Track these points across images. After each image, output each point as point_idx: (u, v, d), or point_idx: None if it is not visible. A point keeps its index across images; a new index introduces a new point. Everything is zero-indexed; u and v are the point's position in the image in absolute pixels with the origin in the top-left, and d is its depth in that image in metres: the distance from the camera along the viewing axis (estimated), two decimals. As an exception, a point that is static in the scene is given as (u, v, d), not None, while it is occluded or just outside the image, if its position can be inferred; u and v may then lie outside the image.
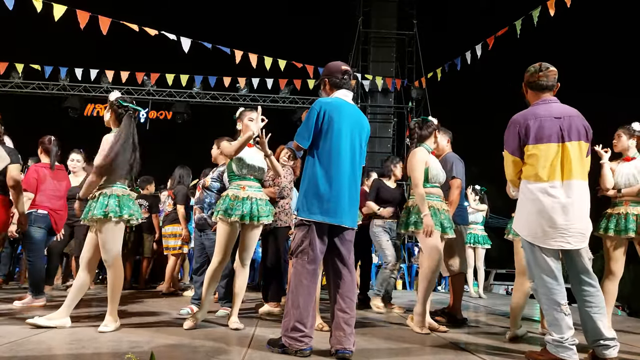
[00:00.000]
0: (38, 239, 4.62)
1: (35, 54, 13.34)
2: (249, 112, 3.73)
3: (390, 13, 14.18)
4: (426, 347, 3.21)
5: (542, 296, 2.83)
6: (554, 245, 2.79)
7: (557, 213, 2.77)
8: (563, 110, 2.93)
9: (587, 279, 2.82)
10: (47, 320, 3.27)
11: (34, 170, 4.75)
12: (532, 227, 2.85)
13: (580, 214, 2.82)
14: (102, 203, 3.30)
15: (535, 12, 8.10)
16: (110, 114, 3.52)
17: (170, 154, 14.68)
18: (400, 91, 14.06)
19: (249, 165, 3.63)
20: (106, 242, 3.32)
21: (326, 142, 2.86)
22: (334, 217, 2.81)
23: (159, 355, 2.50)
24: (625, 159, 4.11)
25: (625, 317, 7.77)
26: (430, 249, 3.73)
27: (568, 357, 2.71)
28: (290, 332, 2.73)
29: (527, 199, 2.90)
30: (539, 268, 2.84)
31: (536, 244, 2.83)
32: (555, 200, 2.79)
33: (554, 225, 2.78)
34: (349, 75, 3.05)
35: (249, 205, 3.56)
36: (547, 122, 2.86)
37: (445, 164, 4.28)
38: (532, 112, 2.94)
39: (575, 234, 2.78)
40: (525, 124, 2.89)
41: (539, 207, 2.82)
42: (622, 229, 3.92)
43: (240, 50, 9.76)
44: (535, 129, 2.86)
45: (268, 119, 3.51)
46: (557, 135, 2.85)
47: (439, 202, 3.87)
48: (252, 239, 3.67)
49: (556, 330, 2.75)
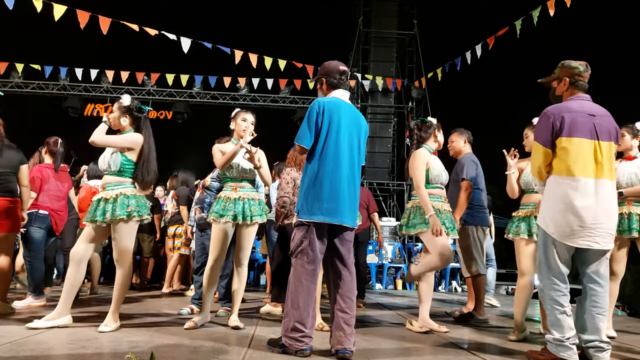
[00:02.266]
0: (37, 239, 4.62)
1: (35, 53, 13.38)
2: (243, 112, 3.77)
3: (390, 13, 14.19)
4: (426, 347, 3.21)
5: (548, 297, 2.82)
6: (581, 244, 2.75)
7: (588, 211, 2.73)
8: (596, 109, 2.91)
9: (598, 279, 2.81)
10: (47, 322, 3.28)
11: (38, 171, 4.76)
12: (560, 224, 2.78)
13: (609, 214, 2.79)
14: (124, 203, 3.35)
15: (535, 12, 8.10)
16: (128, 119, 3.56)
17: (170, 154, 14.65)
18: (401, 91, 14.08)
19: (240, 168, 3.66)
20: (124, 241, 3.38)
21: (325, 141, 2.86)
22: (334, 217, 2.81)
23: (159, 355, 2.50)
24: (627, 158, 4.10)
25: (625, 317, 7.76)
26: (441, 247, 3.69)
27: (568, 356, 2.70)
28: (291, 332, 2.73)
29: (556, 194, 2.83)
30: (550, 269, 2.82)
31: (562, 241, 2.78)
32: (587, 198, 2.74)
33: (583, 224, 2.73)
34: (346, 75, 3.06)
35: (241, 205, 3.60)
36: (581, 117, 2.83)
37: (459, 165, 4.33)
38: (566, 106, 2.90)
39: (603, 234, 2.75)
40: (560, 116, 2.84)
41: (569, 204, 2.76)
42: (626, 229, 3.90)
43: (240, 50, 9.77)
44: (569, 122, 2.81)
45: (268, 119, 3.55)
46: (591, 132, 2.81)
47: (440, 202, 3.86)
48: (246, 239, 3.69)
49: (558, 330, 2.75)
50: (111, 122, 3.56)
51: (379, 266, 9.78)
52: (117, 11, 8.86)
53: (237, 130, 3.70)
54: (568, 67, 3.00)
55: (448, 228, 3.81)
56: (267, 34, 18.77)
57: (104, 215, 3.33)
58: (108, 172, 3.47)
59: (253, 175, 3.75)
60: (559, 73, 3.02)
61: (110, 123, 3.56)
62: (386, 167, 13.96)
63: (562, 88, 3.01)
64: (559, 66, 3.04)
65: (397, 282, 9.67)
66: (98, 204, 3.40)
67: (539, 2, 8.01)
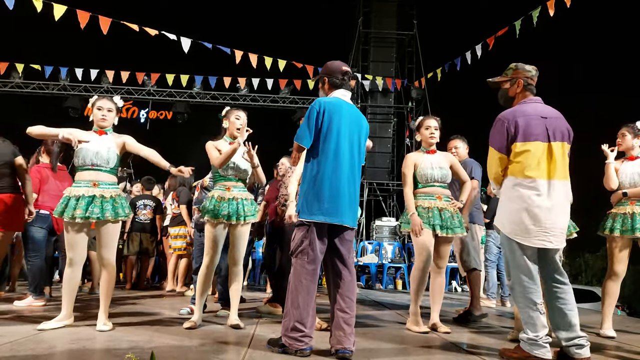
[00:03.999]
0: (39, 239, 4.63)
1: (35, 54, 13.33)
2: (235, 110, 3.79)
3: (390, 13, 14.17)
4: (427, 347, 3.21)
5: (519, 294, 2.85)
6: (536, 243, 2.80)
7: (542, 212, 2.79)
8: (548, 110, 2.97)
9: (560, 277, 2.86)
10: (57, 322, 3.30)
11: (37, 171, 4.77)
12: (516, 224, 2.84)
13: (562, 214, 2.87)
14: (114, 204, 3.37)
15: (535, 12, 8.10)
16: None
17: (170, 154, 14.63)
18: (400, 91, 14.07)
19: (234, 167, 3.66)
20: (111, 241, 3.40)
21: (325, 141, 2.87)
22: (335, 217, 2.81)
23: (159, 355, 2.50)
24: (630, 158, 4.09)
25: (625, 317, 7.76)
26: (419, 248, 3.80)
27: (542, 354, 2.73)
28: (290, 332, 2.73)
29: (512, 195, 2.89)
30: (517, 266, 2.85)
31: (518, 241, 2.83)
32: (541, 198, 2.80)
33: (538, 224, 2.79)
34: (348, 76, 3.06)
35: (234, 205, 3.60)
36: (534, 120, 2.89)
37: (465, 167, 4.41)
38: (520, 110, 2.96)
39: (557, 234, 2.81)
40: (514, 121, 2.89)
41: (524, 205, 2.82)
42: (629, 229, 3.90)
43: (240, 50, 9.77)
44: (524, 127, 2.87)
45: (268, 119, 3.55)
46: (544, 134, 2.87)
47: (431, 201, 3.87)
48: (239, 238, 3.68)
49: (531, 328, 2.77)
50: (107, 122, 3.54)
51: (379, 266, 9.78)
52: (117, 11, 8.86)
53: (231, 128, 3.72)
54: (522, 70, 3.06)
55: (436, 226, 3.81)
56: (267, 34, 18.74)
57: (104, 214, 3.31)
58: (103, 168, 3.41)
59: (247, 175, 3.75)
60: (513, 74, 3.07)
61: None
62: (386, 167, 13.95)
63: (516, 90, 3.07)
64: (511, 67, 3.10)
65: (397, 282, 9.68)
66: (104, 203, 3.35)
67: (539, 2, 8.01)
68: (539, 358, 2.73)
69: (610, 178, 4.06)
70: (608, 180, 4.07)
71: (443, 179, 3.91)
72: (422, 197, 3.88)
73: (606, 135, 4.27)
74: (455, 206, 3.91)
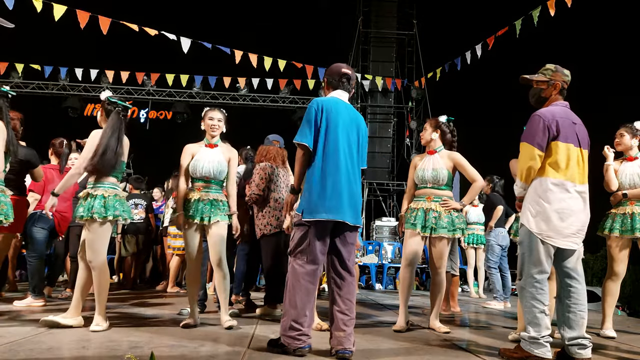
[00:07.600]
0: (40, 240, 4.62)
1: (35, 54, 13.31)
2: (210, 111, 3.80)
3: (390, 13, 14.19)
4: (427, 347, 3.21)
5: (529, 294, 2.84)
6: (564, 244, 2.82)
7: (575, 214, 2.83)
8: (575, 117, 3.00)
9: (576, 275, 2.88)
10: (63, 319, 3.30)
11: (43, 172, 4.76)
12: (545, 223, 2.83)
13: (586, 217, 2.92)
14: (89, 204, 3.34)
15: (535, 12, 8.10)
16: (100, 112, 3.59)
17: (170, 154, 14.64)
18: (400, 91, 14.08)
19: (206, 168, 3.65)
20: (92, 242, 3.35)
21: (324, 140, 2.87)
22: (336, 214, 2.80)
23: (159, 355, 2.50)
24: (628, 158, 4.08)
25: (625, 317, 7.76)
26: (403, 248, 3.98)
27: (542, 353, 2.74)
28: (288, 331, 2.74)
29: (544, 194, 2.86)
30: (534, 264, 2.84)
31: (547, 241, 2.82)
32: (574, 201, 2.84)
33: (569, 225, 2.82)
34: (347, 78, 3.07)
35: (201, 206, 3.59)
36: (567, 123, 2.91)
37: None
38: (555, 111, 2.93)
39: (581, 236, 2.88)
40: (554, 121, 2.88)
41: (557, 206, 2.82)
42: (628, 229, 3.90)
43: (240, 50, 9.76)
44: (564, 128, 2.88)
45: (268, 119, 3.56)
46: (576, 139, 2.91)
47: (420, 202, 3.94)
48: (214, 238, 3.64)
49: (535, 328, 2.78)
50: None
51: (379, 266, 9.78)
52: (117, 11, 8.85)
53: (207, 129, 3.75)
54: (562, 74, 3.04)
55: (416, 225, 3.84)
56: (267, 34, 18.75)
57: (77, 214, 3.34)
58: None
59: (218, 177, 3.70)
60: (553, 76, 3.03)
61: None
62: (386, 167, 13.96)
63: (552, 92, 3.04)
64: (550, 69, 3.05)
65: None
66: (79, 203, 3.39)
67: (539, 2, 8.01)
68: (539, 357, 2.73)
69: (611, 180, 4.06)
70: (608, 183, 4.07)
71: (434, 180, 3.91)
72: (415, 199, 4.01)
73: (606, 135, 4.26)
74: (447, 207, 3.87)
